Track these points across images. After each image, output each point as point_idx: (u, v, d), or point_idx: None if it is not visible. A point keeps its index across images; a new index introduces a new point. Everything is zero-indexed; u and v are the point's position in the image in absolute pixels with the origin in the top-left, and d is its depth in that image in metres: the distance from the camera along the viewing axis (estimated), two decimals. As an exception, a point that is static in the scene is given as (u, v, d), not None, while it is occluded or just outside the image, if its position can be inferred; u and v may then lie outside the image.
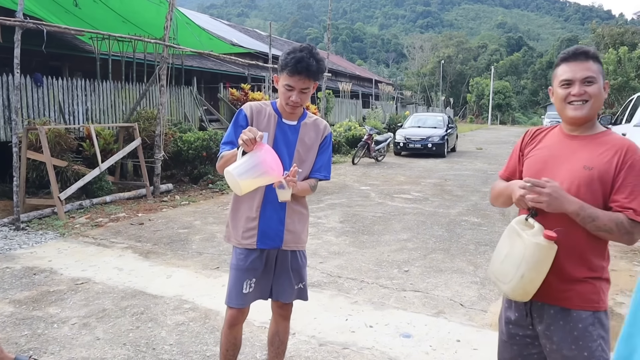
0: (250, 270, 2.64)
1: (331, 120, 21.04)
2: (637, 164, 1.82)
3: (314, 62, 2.44)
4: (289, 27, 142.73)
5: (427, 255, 5.83)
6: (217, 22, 29.54)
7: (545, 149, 2.03)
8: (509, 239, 1.93)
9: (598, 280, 1.88)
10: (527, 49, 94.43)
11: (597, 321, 1.86)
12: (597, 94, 1.90)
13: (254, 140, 2.22)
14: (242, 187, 2.25)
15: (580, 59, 1.92)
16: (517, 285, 1.85)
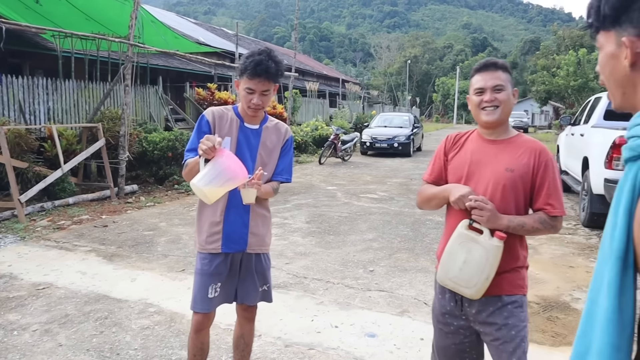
0: (215, 275, 2.65)
1: (298, 119, 21.05)
2: (550, 164, 2.07)
3: (272, 65, 2.49)
4: (256, 26, 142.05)
5: (392, 254, 5.92)
6: (184, 20, 29.21)
7: (467, 153, 2.20)
8: (463, 245, 2.06)
9: (522, 268, 2.14)
10: (491, 49, 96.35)
11: (523, 303, 2.12)
12: (506, 100, 2.10)
13: (213, 148, 2.25)
14: (210, 196, 2.29)
15: (491, 69, 2.12)
16: (482, 286, 2.02)
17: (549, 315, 4.35)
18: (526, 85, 56.23)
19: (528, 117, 50.66)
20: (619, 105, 1.12)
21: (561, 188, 2.10)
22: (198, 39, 21.26)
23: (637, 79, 1.04)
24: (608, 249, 1.01)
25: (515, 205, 2.08)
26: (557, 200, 2.06)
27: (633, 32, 1.02)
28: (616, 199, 1.02)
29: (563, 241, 6.79)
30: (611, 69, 1.09)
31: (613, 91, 1.12)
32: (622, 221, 0.98)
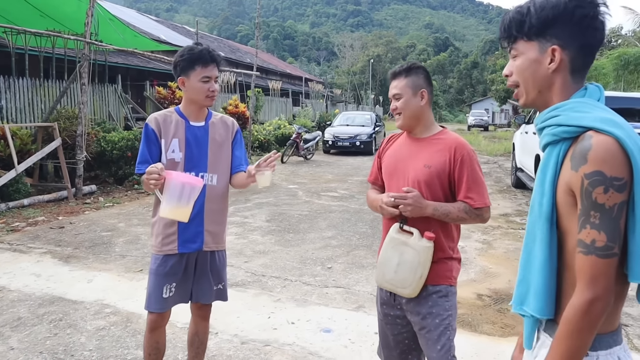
0: (170, 275, 2.67)
1: (261, 118, 21.01)
2: (467, 159, 2.16)
3: (216, 52, 2.63)
4: (219, 24, 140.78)
5: (351, 251, 6.02)
6: (145, 18, 28.77)
7: (395, 152, 2.34)
8: (395, 248, 2.18)
9: (450, 260, 2.23)
10: (453, 49, 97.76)
11: (449, 293, 2.22)
12: (405, 106, 2.24)
13: (160, 176, 2.35)
14: (184, 216, 2.42)
15: (392, 79, 2.29)
16: (417, 285, 2.15)
17: (499, 307, 4.50)
18: (486, 84, 57.41)
19: (488, 116, 51.70)
20: (531, 102, 1.39)
21: (481, 180, 2.19)
22: (159, 36, 21.01)
23: (555, 80, 1.34)
24: (537, 212, 1.31)
25: (436, 199, 2.18)
26: (477, 193, 2.14)
27: (557, 43, 1.31)
28: (542, 174, 1.31)
29: (517, 236, 7.02)
30: (533, 71, 1.35)
31: (529, 90, 1.38)
32: (548, 189, 1.27)
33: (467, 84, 77.28)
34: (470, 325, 4.12)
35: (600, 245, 1.16)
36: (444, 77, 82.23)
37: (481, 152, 20.84)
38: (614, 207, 1.16)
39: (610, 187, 1.15)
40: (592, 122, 1.21)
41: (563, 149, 1.26)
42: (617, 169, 1.15)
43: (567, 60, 1.31)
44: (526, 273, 1.35)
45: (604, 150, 1.16)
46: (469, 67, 77.17)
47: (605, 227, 1.16)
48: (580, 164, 1.19)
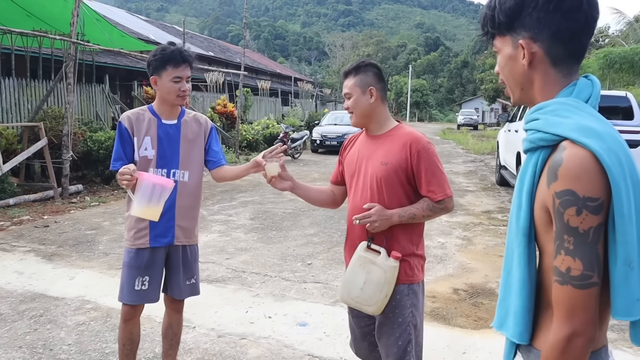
0: (142, 268, 2.74)
1: (250, 118, 21.06)
2: (424, 153, 2.18)
3: (188, 53, 2.69)
4: (210, 24, 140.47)
5: (331, 248, 6.11)
6: (134, 18, 28.71)
7: (356, 150, 2.37)
8: (362, 267, 2.21)
9: (411, 257, 2.25)
10: (443, 48, 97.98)
11: (411, 292, 2.24)
12: (354, 105, 2.28)
13: (131, 177, 2.43)
14: (154, 215, 2.49)
15: (343, 78, 2.33)
16: (382, 304, 2.19)
17: (474, 301, 4.61)
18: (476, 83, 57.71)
19: (478, 115, 51.99)
20: (518, 100, 1.28)
21: (440, 171, 2.21)
22: (148, 36, 21.01)
23: (534, 76, 1.21)
24: (515, 228, 1.19)
25: (396, 196, 2.21)
26: (437, 185, 2.17)
27: (527, 35, 1.19)
28: (519, 184, 1.19)
29: (497, 232, 7.13)
30: (510, 68, 1.25)
31: (512, 88, 1.27)
32: (525, 203, 1.16)
33: (458, 83, 77.57)
34: (445, 318, 4.22)
35: (576, 274, 1.02)
36: (434, 76, 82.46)
37: (468, 151, 21.02)
38: (589, 231, 1.02)
39: (583, 209, 1.01)
40: (568, 130, 1.07)
41: (542, 157, 1.13)
42: (592, 188, 1.01)
43: (542, 52, 1.17)
44: (505, 294, 1.25)
45: (577, 166, 1.02)
46: (459, 67, 77.44)
47: (580, 254, 1.02)
48: (551, 180, 1.06)
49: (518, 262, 1.18)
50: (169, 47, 2.67)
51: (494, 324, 1.29)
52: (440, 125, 52.96)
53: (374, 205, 2.17)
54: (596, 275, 1.03)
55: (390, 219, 2.16)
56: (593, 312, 1.04)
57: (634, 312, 1.07)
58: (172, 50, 2.64)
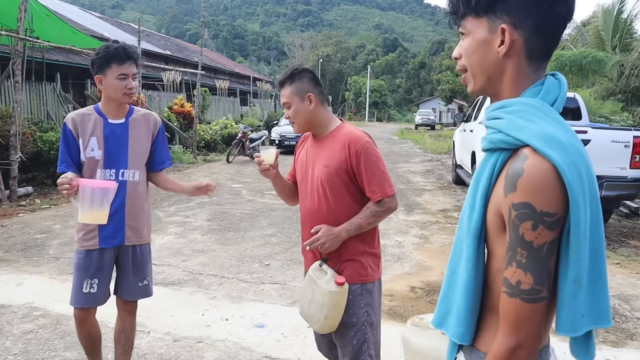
0: (91, 270, 2.69)
1: (208, 118, 20.80)
2: (362, 152, 2.17)
3: (132, 50, 2.65)
4: (167, 22, 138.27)
5: (289, 248, 6.08)
6: (88, 14, 27.98)
7: (304, 153, 2.39)
8: (309, 285, 2.24)
9: (364, 255, 2.25)
10: (402, 49, 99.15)
11: (365, 292, 2.24)
12: (296, 114, 2.27)
13: (70, 186, 2.38)
14: (100, 219, 2.49)
15: (280, 88, 2.31)
16: (324, 324, 2.20)
17: (431, 299, 4.66)
18: (433, 84, 58.64)
19: (435, 115, 52.85)
20: (479, 90, 1.18)
21: (380, 171, 2.18)
22: (102, 34, 20.48)
23: (506, 66, 1.11)
24: (466, 228, 1.15)
25: (342, 198, 2.21)
26: (377, 185, 2.16)
27: (508, 20, 1.08)
28: (474, 184, 1.14)
29: (453, 230, 7.24)
30: (481, 54, 1.13)
31: (477, 76, 1.16)
32: (479, 204, 1.11)
33: (415, 84, 78.62)
34: (402, 316, 4.25)
35: (526, 288, 1.00)
36: (392, 77, 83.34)
37: (426, 150, 21.32)
38: (543, 246, 0.99)
39: (539, 223, 0.98)
40: (532, 137, 1.01)
41: (500, 159, 1.08)
42: (550, 203, 0.97)
43: (521, 42, 1.08)
44: (448, 292, 1.22)
45: (538, 179, 0.98)
46: (417, 68, 78.47)
47: (532, 268, 1.00)
48: (509, 190, 1.01)
49: (466, 263, 1.15)
50: (112, 44, 2.63)
51: (433, 321, 1.26)
52: (399, 125, 53.56)
53: (321, 227, 2.19)
54: (546, 289, 1.01)
55: (339, 236, 2.17)
56: (539, 325, 1.03)
57: (577, 328, 1.07)
58: (116, 47, 2.60)
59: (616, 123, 13.45)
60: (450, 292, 1.21)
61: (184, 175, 12.28)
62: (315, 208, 2.27)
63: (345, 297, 2.18)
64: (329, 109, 2.40)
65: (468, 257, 1.14)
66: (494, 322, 1.13)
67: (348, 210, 2.23)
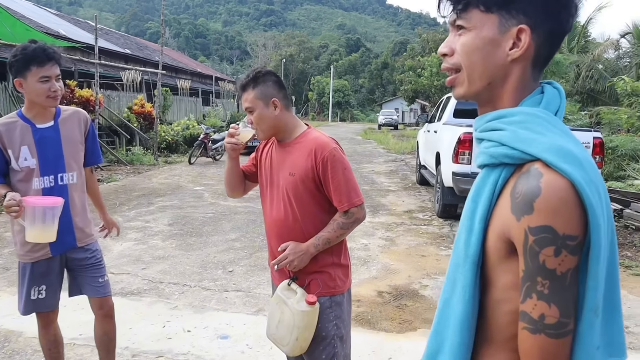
0: (38, 278, 2.65)
1: (169, 118, 20.38)
2: (329, 160, 2.07)
3: (53, 49, 2.52)
4: (127, 20, 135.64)
5: (253, 253, 5.94)
6: (42, 11, 27.08)
7: (269, 158, 2.27)
8: (278, 306, 2.14)
9: (331, 267, 2.17)
10: (364, 49, 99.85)
11: (333, 304, 2.16)
12: (259, 120, 2.15)
13: (19, 207, 2.31)
14: (49, 236, 2.44)
15: (242, 91, 2.19)
16: (295, 346, 2.10)
17: (398, 303, 4.60)
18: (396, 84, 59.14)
19: (398, 115, 53.32)
20: (474, 95, 1.05)
21: (346, 179, 2.10)
22: (58, 32, 19.82)
23: (512, 71, 1.00)
24: (463, 254, 1.02)
25: (308, 206, 2.12)
26: (344, 194, 2.07)
27: (525, 21, 0.96)
28: (472, 204, 1.02)
29: (418, 232, 7.23)
30: (485, 55, 1.00)
31: (474, 78, 1.02)
32: (479, 227, 0.99)
33: (378, 84, 79.19)
34: (370, 322, 4.17)
35: (551, 322, 0.89)
36: (355, 77, 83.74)
37: (389, 150, 21.44)
38: (567, 273, 0.88)
39: (562, 248, 0.87)
40: (544, 151, 0.90)
41: (503, 176, 0.97)
42: (572, 225, 0.86)
43: (534, 47, 0.97)
44: (441, 327, 1.09)
45: (558, 199, 0.86)
46: (380, 68, 79.05)
47: (557, 299, 0.88)
48: (524, 212, 0.89)
49: (462, 294, 1.02)
50: (30, 45, 2.48)
51: (425, 357, 1.13)
52: (362, 125, 53.83)
53: (287, 245, 2.10)
54: (572, 321, 0.90)
55: (308, 253, 2.09)
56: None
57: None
58: (34, 48, 2.45)
59: (573, 123, 13.77)
60: (443, 327, 1.08)
61: (145, 177, 11.96)
62: (281, 218, 2.17)
63: (316, 316, 2.09)
64: (294, 113, 2.29)
65: (465, 287, 1.02)
66: (493, 356, 1.03)
67: (315, 220, 2.13)
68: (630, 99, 13.04)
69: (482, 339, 1.04)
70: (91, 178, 2.92)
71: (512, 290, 0.96)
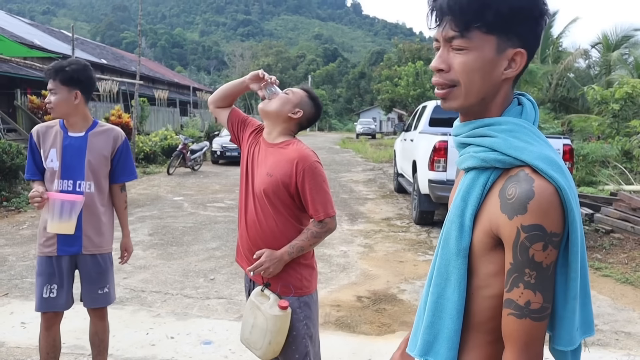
0: (50, 276, 2.79)
1: (147, 129, 20.30)
2: (309, 172, 2.19)
3: (57, 65, 2.73)
4: (103, 30, 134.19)
5: (234, 262, 5.95)
6: (16, 20, 26.80)
7: (257, 149, 2.36)
8: (251, 311, 2.24)
9: (300, 269, 2.27)
10: (342, 59, 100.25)
11: (302, 304, 2.26)
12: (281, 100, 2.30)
13: (42, 199, 2.61)
14: (68, 229, 2.67)
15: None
16: (268, 350, 2.19)
17: (377, 307, 4.71)
18: (373, 94, 59.60)
19: (376, 124, 53.72)
20: (467, 108, 1.14)
21: (324, 191, 2.22)
22: (33, 41, 19.66)
23: (502, 88, 1.12)
24: (455, 249, 1.12)
25: (278, 208, 2.22)
26: (321, 205, 2.19)
27: (519, 44, 1.07)
28: (462, 204, 1.12)
29: (397, 238, 7.37)
30: (484, 74, 1.08)
31: (472, 94, 1.11)
32: (469, 224, 1.11)
33: (356, 94, 79.63)
34: (349, 326, 4.27)
35: (536, 307, 1.02)
36: (333, 86, 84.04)
37: (367, 159, 21.62)
38: (550, 265, 1.02)
39: (549, 244, 1.00)
40: (535, 159, 1.03)
41: (492, 178, 1.09)
42: (557, 224, 1.01)
43: (524, 64, 1.10)
44: (435, 319, 1.18)
45: (547, 202, 1.00)
46: (357, 77, 79.50)
47: (541, 288, 1.02)
48: (518, 212, 1.01)
49: (457, 284, 1.13)
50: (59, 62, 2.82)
51: (419, 352, 1.20)
52: (340, 134, 54.07)
53: (263, 252, 2.19)
54: (550, 306, 1.04)
55: (282, 259, 2.19)
56: (543, 342, 1.06)
57: (574, 342, 1.11)
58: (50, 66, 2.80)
59: (546, 131, 14.12)
60: (438, 317, 1.17)
61: (123, 188, 11.92)
62: (252, 219, 2.26)
63: (288, 320, 2.19)
64: None
65: (459, 279, 1.13)
66: (475, 342, 1.16)
67: (283, 222, 2.24)
68: (600, 107, 13.42)
69: (467, 326, 1.16)
70: (118, 196, 3.00)
71: (492, 277, 1.10)
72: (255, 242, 2.25)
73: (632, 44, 19.01)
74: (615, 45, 18.85)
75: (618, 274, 5.71)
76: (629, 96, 12.20)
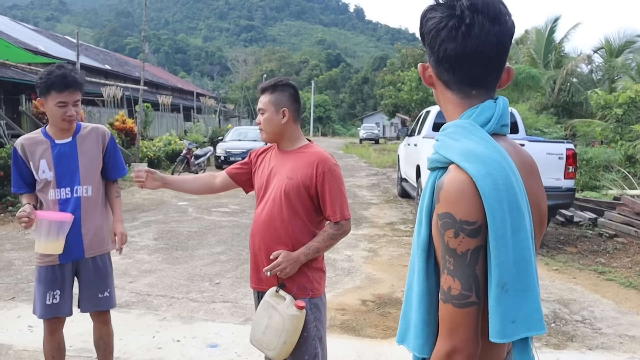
0: (52, 283, 2.78)
1: (150, 134, 20.36)
2: (329, 174, 2.26)
3: (77, 75, 2.70)
4: (106, 36, 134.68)
5: (239, 266, 6.02)
6: (21, 27, 27.01)
7: (268, 163, 2.43)
8: (266, 311, 2.26)
9: (310, 271, 2.32)
10: (345, 65, 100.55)
11: (312, 306, 2.31)
12: (266, 123, 2.34)
13: (29, 218, 2.56)
14: (57, 249, 2.66)
15: (260, 93, 2.38)
16: (282, 350, 2.22)
17: (382, 311, 4.72)
18: (376, 99, 59.72)
19: (379, 129, 53.75)
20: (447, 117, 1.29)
21: (342, 194, 2.30)
22: (37, 47, 19.80)
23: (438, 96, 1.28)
24: (416, 243, 1.21)
25: (296, 211, 2.27)
26: (338, 207, 2.26)
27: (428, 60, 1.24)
28: (421, 201, 1.22)
29: (401, 243, 7.38)
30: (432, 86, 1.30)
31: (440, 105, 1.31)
32: (425, 219, 1.18)
33: (359, 99, 79.77)
34: (354, 330, 4.29)
35: (455, 293, 1.07)
36: (336, 92, 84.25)
37: (371, 164, 21.63)
38: (466, 252, 1.06)
39: (460, 232, 1.05)
40: (454, 154, 1.11)
41: (438, 176, 1.16)
42: (468, 212, 1.05)
43: (435, 76, 1.23)
44: (407, 309, 1.28)
45: (455, 190, 1.06)
46: (360, 83, 79.68)
47: (459, 274, 1.07)
48: (436, 202, 1.11)
49: (417, 276, 1.20)
50: (54, 70, 2.67)
51: (397, 338, 1.31)
52: (343, 139, 54.09)
53: (279, 253, 2.23)
54: (474, 295, 1.07)
55: (298, 260, 2.23)
56: (473, 329, 1.08)
57: (508, 334, 1.09)
58: (56, 75, 2.65)
59: (549, 136, 14.12)
60: (408, 307, 1.26)
61: (127, 193, 11.95)
62: (268, 218, 2.30)
63: (303, 320, 2.22)
64: (299, 127, 2.45)
65: (419, 271, 1.19)
66: None
67: (300, 225, 2.29)
68: (603, 111, 13.42)
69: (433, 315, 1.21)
70: (110, 187, 3.02)
71: None
72: (271, 245, 2.29)
73: (635, 49, 18.99)
74: (618, 50, 18.85)
75: (622, 278, 5.72)
76: (632, 101, 12.20)
